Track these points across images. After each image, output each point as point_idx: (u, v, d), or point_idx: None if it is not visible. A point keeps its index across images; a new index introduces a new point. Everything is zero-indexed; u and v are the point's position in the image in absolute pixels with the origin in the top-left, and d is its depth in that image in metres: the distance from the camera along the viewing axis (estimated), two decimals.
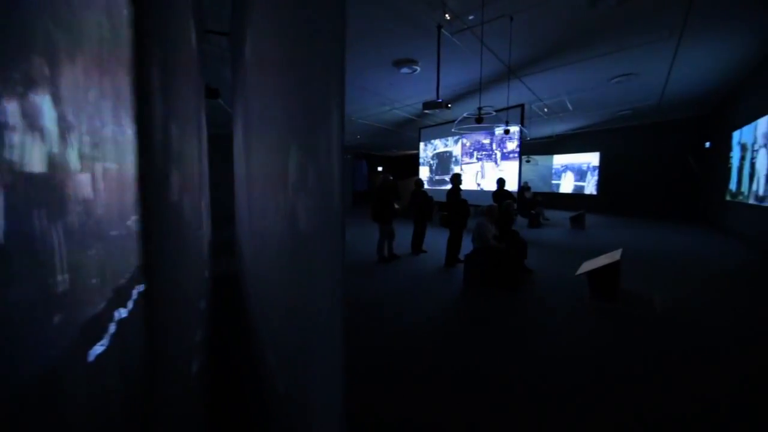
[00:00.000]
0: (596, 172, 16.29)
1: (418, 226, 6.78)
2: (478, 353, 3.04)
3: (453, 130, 5.61)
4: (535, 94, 9.75)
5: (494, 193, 6.89)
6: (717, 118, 12.06)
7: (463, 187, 10.88)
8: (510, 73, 8.03)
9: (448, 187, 5.91)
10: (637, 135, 14.80)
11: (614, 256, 4.35)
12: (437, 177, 11.79)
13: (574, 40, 6.67)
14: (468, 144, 10.13)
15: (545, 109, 11.11)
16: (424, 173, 12.43)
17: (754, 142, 8.19)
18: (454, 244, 5.89)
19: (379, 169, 24.34)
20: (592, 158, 16.25)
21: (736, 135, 9.75)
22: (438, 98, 5.41)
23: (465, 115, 5.37)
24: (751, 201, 8.30)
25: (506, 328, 3.52)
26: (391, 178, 5.99)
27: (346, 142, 16.84)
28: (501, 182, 6.81)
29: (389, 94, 9.17)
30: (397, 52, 6.76)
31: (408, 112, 10.99)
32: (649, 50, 7.14)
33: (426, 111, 5.43)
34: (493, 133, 9.17)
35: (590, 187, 16.59)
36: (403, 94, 9.19)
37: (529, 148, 17.13)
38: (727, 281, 5.04)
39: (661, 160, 14.40)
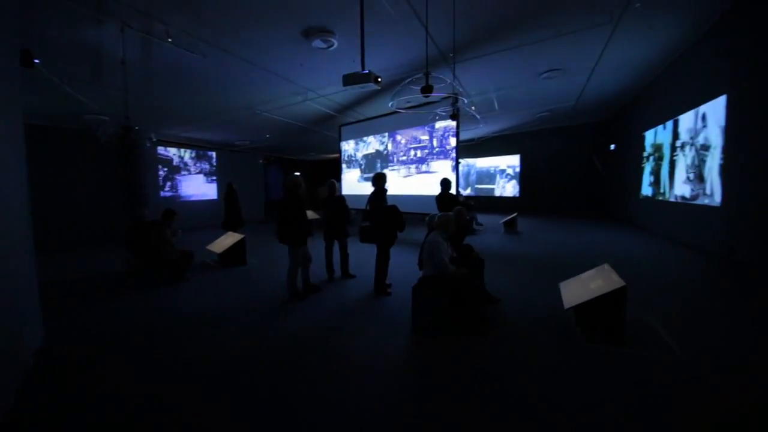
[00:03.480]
0: (504, 175, 16.78)
1: (329, 243, 5.27)
2: None
3: (390, 104, 4.11)
4: (464, 89, 8.93)
5: (438, 198, 5.58)
6: (622, 121, 12.67)
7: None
8: (442, 57, 6.96)
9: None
10: (552, 138, 15.27)
11: (606, 277, 3.25)
12: (367, 174, 10.31)
13: (514, 18, 5.78)
14: (403, 141, 8.83)
15: (473, 107, 10.44)
16: (352, 176, 10.85)
17: (675, 141, 8.25)
18: (382, 266, 4.42)
19: (296, 173, 22.14)
20: (513, 160, 16.47)
21: (649, 135, 10.05)
22: (363, 69, 3.92)
23: (408, 81, 3.91)
24: (673, 198, 8.39)
25: (483, 405, 2.11)
26: (302, 181, 4.30)
27: (253, 142, 14.58)
28: (446, 184, 5.53)
29: (301, 79, 7.43)
30: (306, 18, 5.13)
31: (326, 105, 9.34)
32: (583, 39, 6.59)
33: (348, 86, 3.91)
34: (432, 128, 7.99)
35: (499, 189, 17.20)
36: (318, 79, 7.53)
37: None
38: (706, 292, 4.39)
39: (573, 162, 15.00)
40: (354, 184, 10.72)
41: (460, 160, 15.94)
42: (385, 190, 4.41)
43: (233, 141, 13.81)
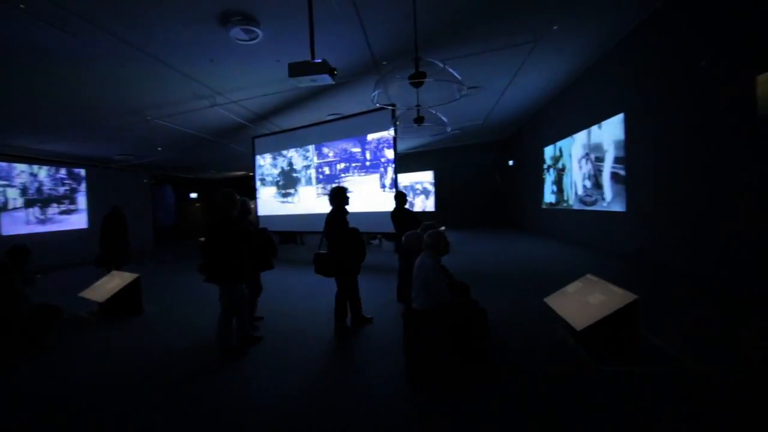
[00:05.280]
0: (413, 191, 17.51)
1: (254, 278, 3.88)
2: None
3: (372, 95, 3.38)
4: (393, 100, 8.69)
5: (395, 214, 4.93)
6: (522, 138, 13.99)
7: (302, 211, 9.02)
8: (374, 64, 6.53)
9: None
10: (460, 155, 16.21)
11: (605, 289, 3.02)
12: (285, 191, 9.14)
13: (451, 28, 5.69)
14: (331, 154, 8.01)
15: (398, 123, 10.30)
16: (268, 194, 9.57)
17: (573, 153, 9.18)
18: (343, 302, 3.59)
19: (193, 195, 19.39)
20: (424, 176, 17.07)
21: (548, 150, 11.14)
22: (314, 57, 3.17)
23: (393, 68, 3.23)
24: (576, 206, 9.29)
25: None
26: (237, 198, 3.24)
27: (138, 157, 12.08)
28: (401, 198, 4.91)
29: (210, 78, 6.20)
30: None
31: (237, 113, 8.09)
32: (504, 57, 6.87)
33: (295, 78, 3.11)
34: (364, 140, 7.40)
35: (407, 204, 17.84)
36: (232, 80, 6.38)
37: None
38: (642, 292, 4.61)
39: (481, 177, 16.11)
40: (271, 203, 9.51)
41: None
42: (346, 210, 3.58)
43: (111, 156, 11.25)
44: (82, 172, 11.40)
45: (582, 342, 2.94)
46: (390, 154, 6.95)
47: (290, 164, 8.94)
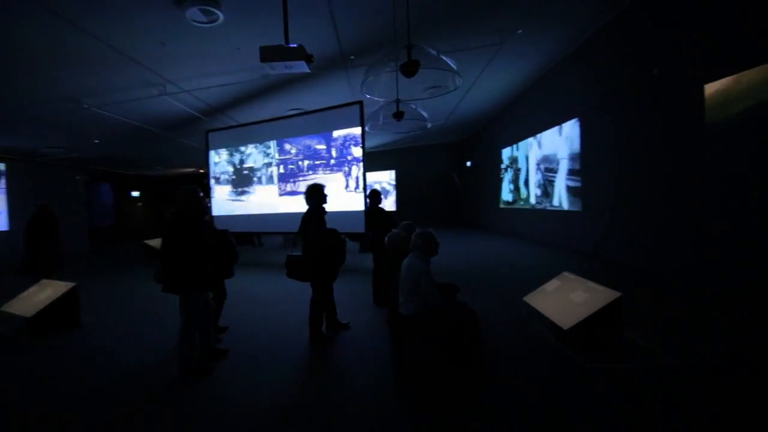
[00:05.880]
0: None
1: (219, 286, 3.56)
2: None
3: (362, 83, 3.14)
4: (365, 96, 8.48)
5: (369, 214, 4.72)
6: (480, 140, 14.37)
7: (262, 210, 8.48)
8: (342, 58, 6.28)
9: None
10: (420, 155, 16.37)
11: (585, 286, 3.07)
12: (243, 189, 8.57)
13: (419, 27, 5.59)
14: (294, 151, 7.59)
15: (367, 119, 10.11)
16: (222, 193, 8.93)
17: (529, 157, 9.58)
18: (319, 309, 3.36)
19: (135, 194, 17.79)
20: (387, 176, 17.00)
21: (506, 151, 11.52)
22: (287, 42, 2.90)
23: (384, 56, 3.00)
24: (530, 206, 9.70)
25: None
26: (199, 196, 2.86)
27: (69, 150, 10.77)
28: (375, 196, 4.70)
29: (159, 64, 5.61)
30: None
31: (189, 104, 7.44)
32: (470, 58, 6.95)
33: (267, 63, 2.82)
34: (329, 137, 7.09)
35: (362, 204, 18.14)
36: (185, 67, 5.83)
37: None
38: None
39: (438, 178, 16.42)
40: (227, 202, 8.90)
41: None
42: (324, 210, 3.31)
43: (38, 148, 9.93)
44: (2, 166, 9.95)
45: (564, 340, 2.95)
46: (357, 151, 6.74)
47: (249, 161, 8.41)
